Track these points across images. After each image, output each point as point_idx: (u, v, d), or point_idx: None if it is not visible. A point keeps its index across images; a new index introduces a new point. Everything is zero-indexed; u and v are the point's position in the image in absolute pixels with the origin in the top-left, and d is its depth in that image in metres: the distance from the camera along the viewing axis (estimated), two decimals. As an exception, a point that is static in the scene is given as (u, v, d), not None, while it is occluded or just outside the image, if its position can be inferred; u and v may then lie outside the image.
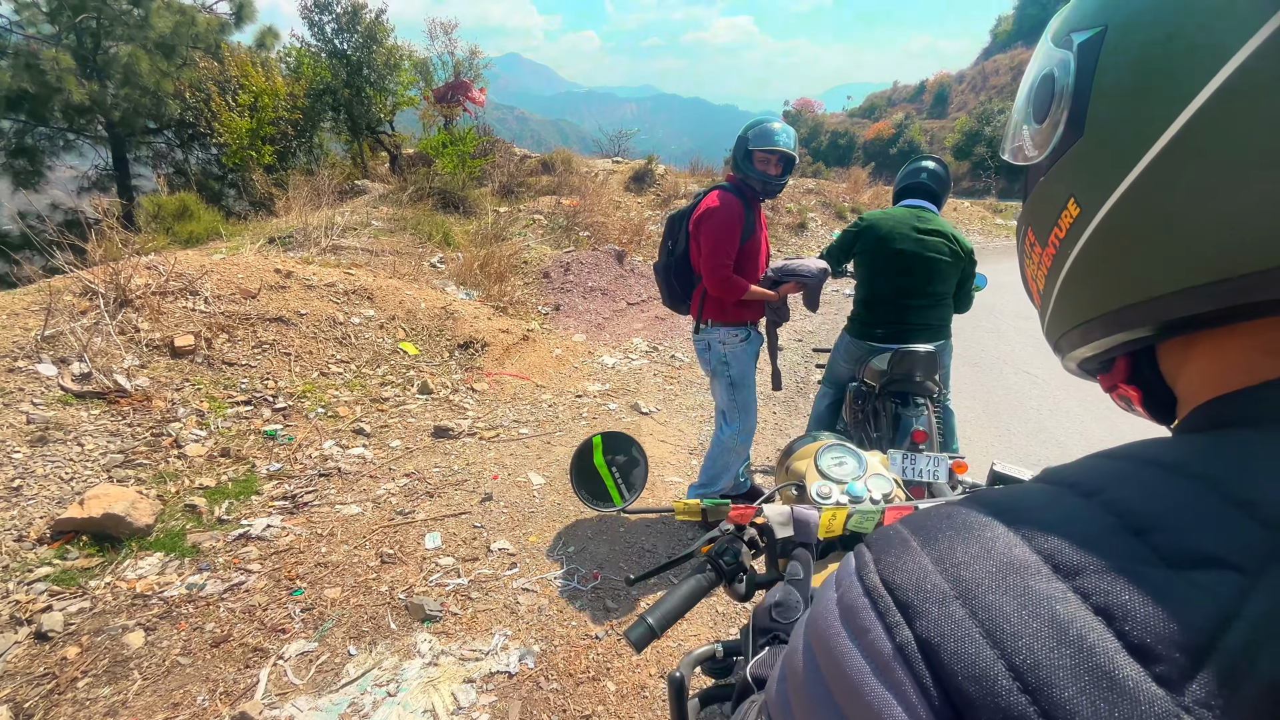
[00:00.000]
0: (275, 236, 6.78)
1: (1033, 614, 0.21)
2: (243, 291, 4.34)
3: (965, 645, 0.22)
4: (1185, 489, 0.23)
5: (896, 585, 0.25)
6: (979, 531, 0.25)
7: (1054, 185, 0.34)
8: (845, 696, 0.24)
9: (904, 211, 2.47)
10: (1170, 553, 0.21)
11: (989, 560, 0.23)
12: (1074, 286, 0.34)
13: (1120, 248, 0.30)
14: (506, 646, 2.01)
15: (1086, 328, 0.35)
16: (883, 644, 0.24)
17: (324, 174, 9.80)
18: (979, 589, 0.23)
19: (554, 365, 4.94)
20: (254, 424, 3.42)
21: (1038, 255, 0.38)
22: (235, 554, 2.43)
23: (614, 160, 13.83)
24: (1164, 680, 0.19)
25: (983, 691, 0.21)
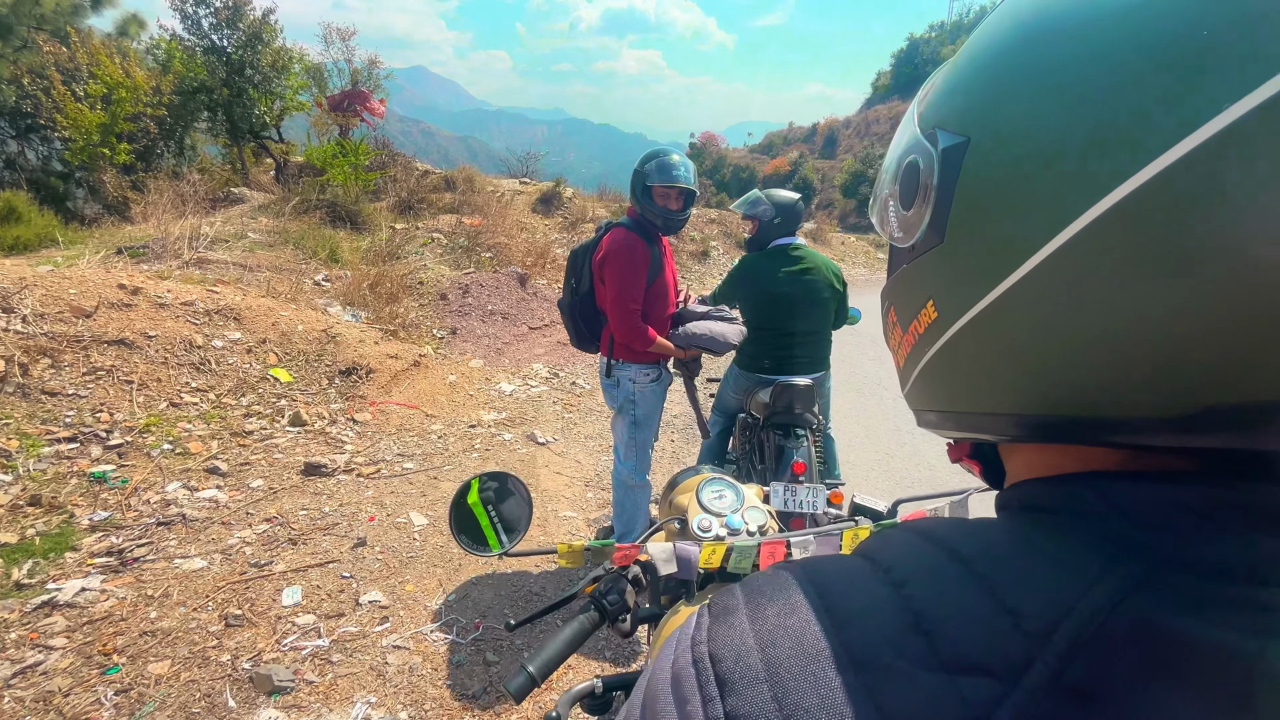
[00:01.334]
0: (127, 246, 6.02)
1: (823, 705, 0.23)
2: (74, 309, 3.78)
3: None
4: (972, 592, 0.25)
5: (719, 659, 0.27)
6: (798, 613, 0.27)
7: (914, 280, 0.34)
8: None
9: (779, 255, 2.56)
10: (948, 657, 0.23)
11: (799, 646, 0.26)
12: (931, 380, 0.36)
13: (971, 361, 0.31)
14: (369, 717, 1.81)
15: (939, 416, 0.37)
16: (695, 712, 0.26)
17: (193, 178, 8.91)
18: (786, 674, 0.25)
19: (447, 393, 4.69)
20: (78, 465, 2.94)
21: (898, 335, 0.39)
22: (34, 627, 2.03)
23: (521, 181, 13.68)
24: None
25: None
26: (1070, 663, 0.22)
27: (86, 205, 9.08)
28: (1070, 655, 0.22)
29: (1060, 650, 0.22)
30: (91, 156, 8.60)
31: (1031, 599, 0.24)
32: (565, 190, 11.80)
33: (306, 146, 10.64)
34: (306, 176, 9.86)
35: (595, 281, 2.30)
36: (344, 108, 11.73)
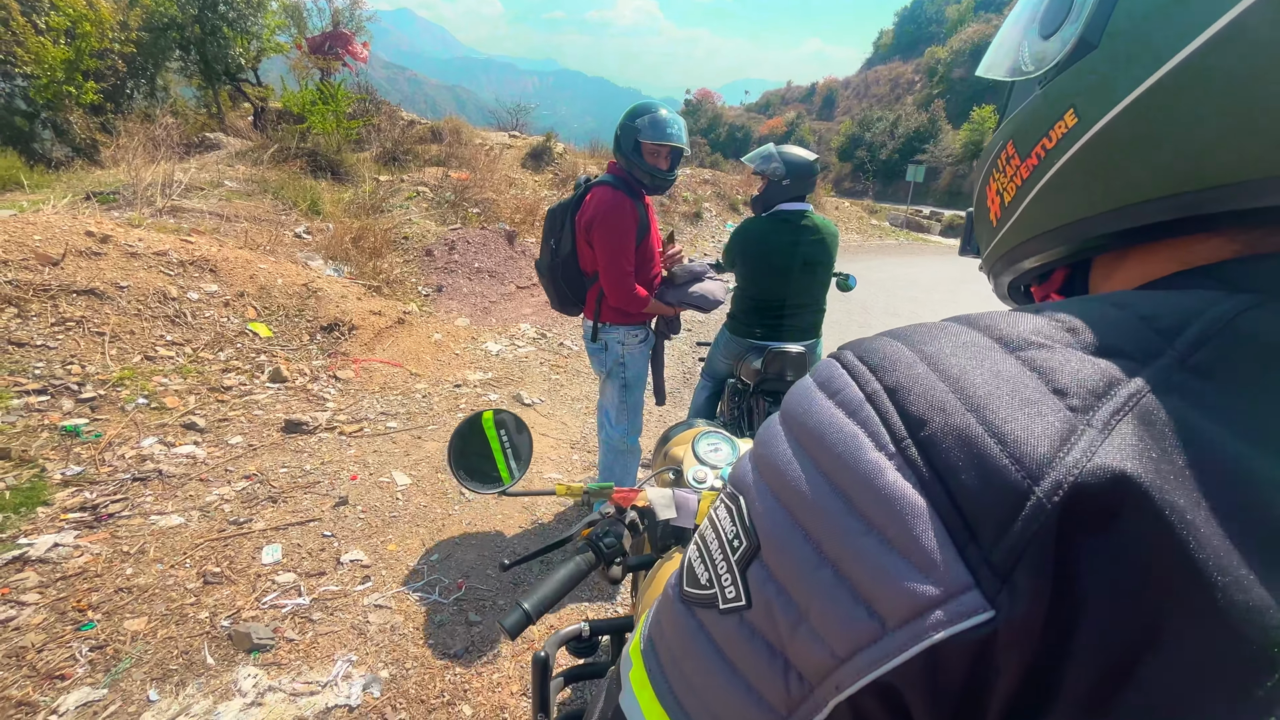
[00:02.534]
0: (96, 192, 5.77)
1: (980, 366, 0.25)
2: (40, 257, 3.62)
3: (925, 386, 0.25)
4: (1110, 308, 0.28)
5: (869, 358, 0.28)
6: (942, 328, 0.28)
7: (1052, 97, 0.36)
8: (816, 444, 0.26)
9: (784, 225, 2.43)
10: (1089, 344, 0.26)
11: (950, 341, 0.27)
12: (1051, 194, 0.37)
13: (1110, 156, 0.33)
14: (350, 675, 1.80)
15: (1051, 235, 0.37)
16: (854, 394, 0.26)
17: (166, 121, 8.52)
18: (940, 356, 0.26)
19: (432, 351, 4.61)
20: (49, 418, 2.86)
21: (1013, 168, 0.40)
22: (5, 582, 1.99)
23: (511, 134, 13.25)
24: (1072, 408, 0.23)
25: (936, 412, 0.24)
26: (1195, 351, 0.24)
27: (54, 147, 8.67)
28: (1196, 346, 0.25)
29: (1188, 341, 0.25)
30: (56, 95, 8.17)
31: (1163, 310, 0.27)
32: (556, 145, 11.45)
33: (284, 91, 10.15)
34: (286, 123, 9.45)
35: (579, 242, 2.18)
36: (325, 50, 11.19)
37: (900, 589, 0.22)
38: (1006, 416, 0.23)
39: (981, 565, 0.21)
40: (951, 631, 0.21)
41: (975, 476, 0.22)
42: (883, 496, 0.23)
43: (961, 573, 0.21)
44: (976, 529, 0.22)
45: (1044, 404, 0.23)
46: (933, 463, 0.23)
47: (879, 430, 0.25)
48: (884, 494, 0.23)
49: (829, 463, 0.25)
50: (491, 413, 1.01)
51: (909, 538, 0.22)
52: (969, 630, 0.21)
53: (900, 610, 0.22)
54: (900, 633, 0.22)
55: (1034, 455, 0.22)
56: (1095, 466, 0.21)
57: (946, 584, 0.22)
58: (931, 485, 0.23)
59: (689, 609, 0.30)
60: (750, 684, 0.27)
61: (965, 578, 0.21)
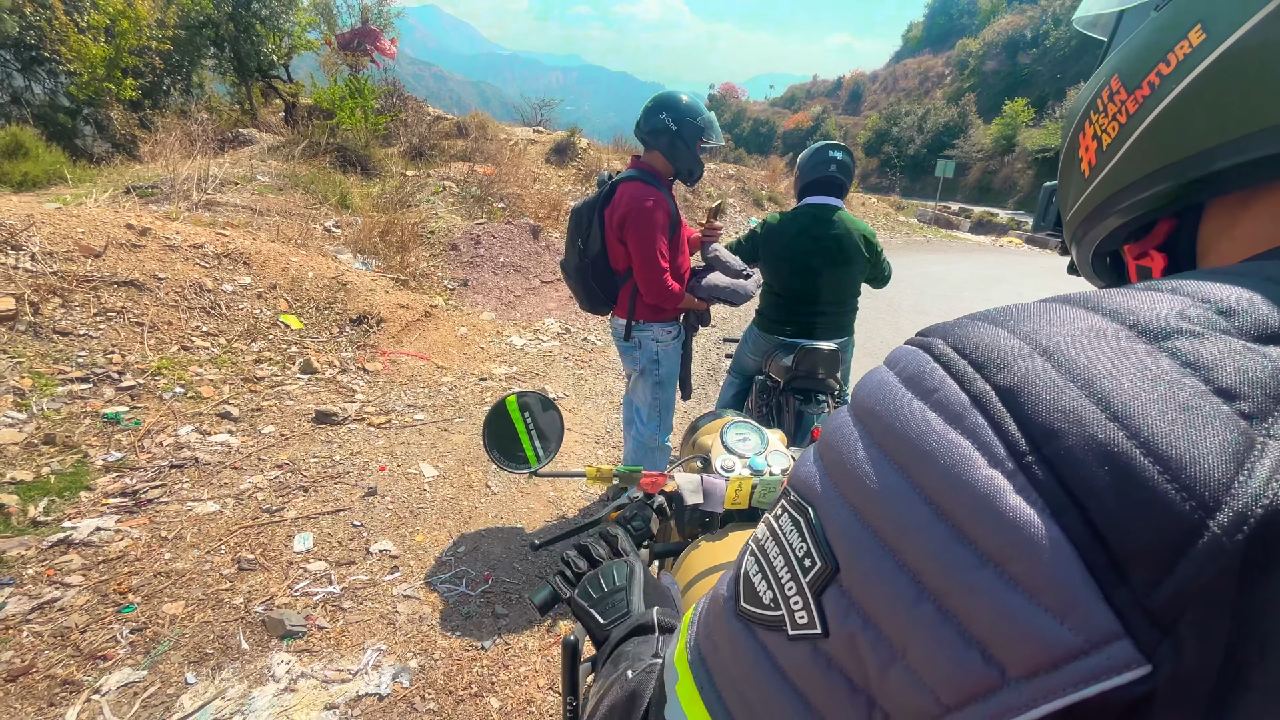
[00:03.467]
0: (135, 186, 5.92)
1: (1119, 362, 0.21)
2: (83, 249, 3.73)
3: (1047, 387, 0.21)
4: (1271, 287, 0.23)
5: (968, 350, 0.23)
6: (1052, 311, 0.24)
7: (1176, 16, 0.32)
8: (910, 454, 0.22)
9: (807, 217, 2.38)
10: (1250, 329, 0.21)
11: (1068, 327, 0.23)
12: (1166, 125, 0.32)
13: (1245, 74, 0.28)
14: (379, 664, 1.82)
15: (1162, 173, 0.33)
16: (955, 397, 0.22)
17: (201, 117, 8.72)
18: (1062, 348, 0.22)
19: (458, 345, 4.65)
20: (91, 405, 2.95)
21: (1117, 104, 0.36)
22: (50, 564, 2.05)
23: (535, 129, 13.29)
24: (1245, 415, 0.19)
25: (1069, 422, 0.20)
26: None
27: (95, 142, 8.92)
28: None
29: None
30: (97, 92, 8.40)
31: None
32: (580, 140, 11.45)
33: (314, 87, 10.30)
34: (316, 119, 9.60)
35: (610, 240, 2.15)
36: (353, 47, 11.32)
37: (1028, 633, 0.19)
38: (1163, 428, 0.19)
39: (1135, 611, 0.18)
40: (1096, 689, 0.18)
41: (1126, 504, 0.18)
42: (1004, 522, 0.19)
43: (1108, 619, 0.18)
44: (1128, 568, 0.18)
45: (1209, 410, 0.19)
46: (1067, 484, 0.19)
47: (992, 441, 0.21)
48: (1005, 519, 0.19)
49: (929, 478, 0.21)
50: (515, 396, 1.01)
51: (1038, 573, 0.19)
52: (1118, 689, 0.18)
53: (1027, 659, 0.19)
54: (1027, 685, 0.19)
55: (1206, 479, 0.18)
56: None
57: (1088, 632, 0.18)
58: (1066, 512, 0.19)
59: (749, 629, 0.27)
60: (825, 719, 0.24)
61: (1113, 625, 0.18)
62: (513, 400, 1.02)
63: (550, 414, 1.03)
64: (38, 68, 9.35)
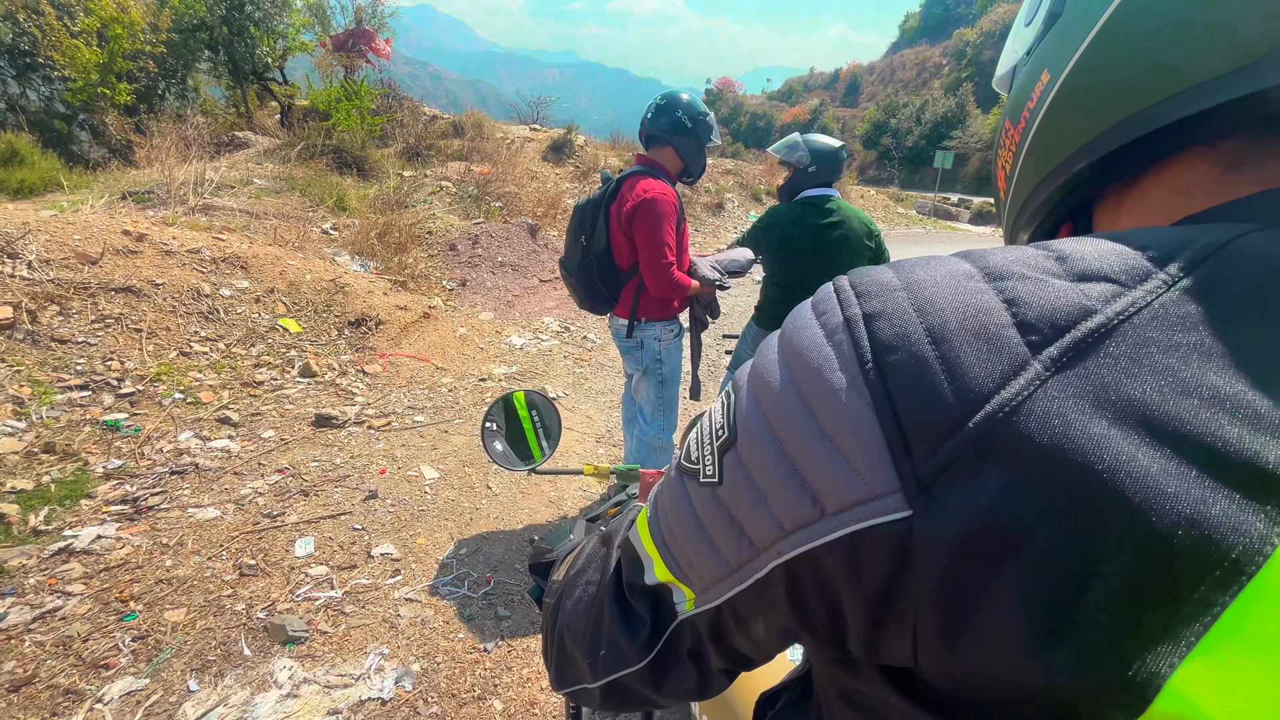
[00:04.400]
0: (131, 191, 5.91)
1: (953, 298, 0.26)
2: (80, 256, 3.72)
3: (897, 315, 0.26)
4: (1106, 241, 0.27)
5: (857, 283, 0.29)
6: (939, 259, 0.30)
7: (1031, 67, 0.40)
8: (796, 360, 0.29)
9: (806, 208, 2.39)
10: (1077, 270, 0.26)
11: (937, 270, 0.28)
12: (1037, 143, 0.40)
13: (1075, 95, 0.36)
14: (382, 668, 1.82)
15: (1043, 185, 0.40)
16: (835, 317, 0.28)
17: (197, 121, 8.69)
18: (921, 285, 0.27)
19: (457, 346, 4.64)
20: (91, 413, 2.94)
21: (1009, 139, 0.43)
22: (52, 573, 2.05)
23: (532, 127, 13.25)
24: (1030, 344, 0.24)
25: (902, 340, 0.26)
26: (1187, 274, 0.24)
27: (91, 148, 8.90)
28: (1188, 270, 0.24)
29: (1181, 264, 0.24)
30: (92, 97, 8.37)
31: (1158, 239, 0.26)
32: (577, 138, 11.42)
33: (310, 89, 10.27)
34: (312, 121, 9.58)
35: (615, 235, 2.12)
36: (348, 48, 11.27)
37: (840, 485, 0.26)
38: (962, 349, 0.24)
39: (909, 475, 0.24)
40: (872, 522, 0.25)
41: (921, 402, 0.24)
42: (840, 410, 0.26)
43: (891, 479, 0.24)
44: (912, 446, 0.24)
45: (1003, 337, 0.24)
46: (888, 386, 0.25)
47: (848, 353, 0.27)
48: (841, 409, 0.26)
49: (803, 377, 0.28)
50: (523, 393, 1.04)
51: (854, 447, 0.25)
52: (886, 524, 0.24)
53: (837, 501, 0.26)
54: (834, 518, 0.26)
55: (976, 389, 0.23)
56: (1026, 405, 0.22)
57: (875, 486, 0.25)
58: (882, 406, 0.25)
59: (681, 476, 0.36)
60: (713, 542, 0.33)
61: (893, 483, 0.24)
62: (520, 396, 1.04)
63: (553, 414, 1.05)
64: (32, 74, 9.32)
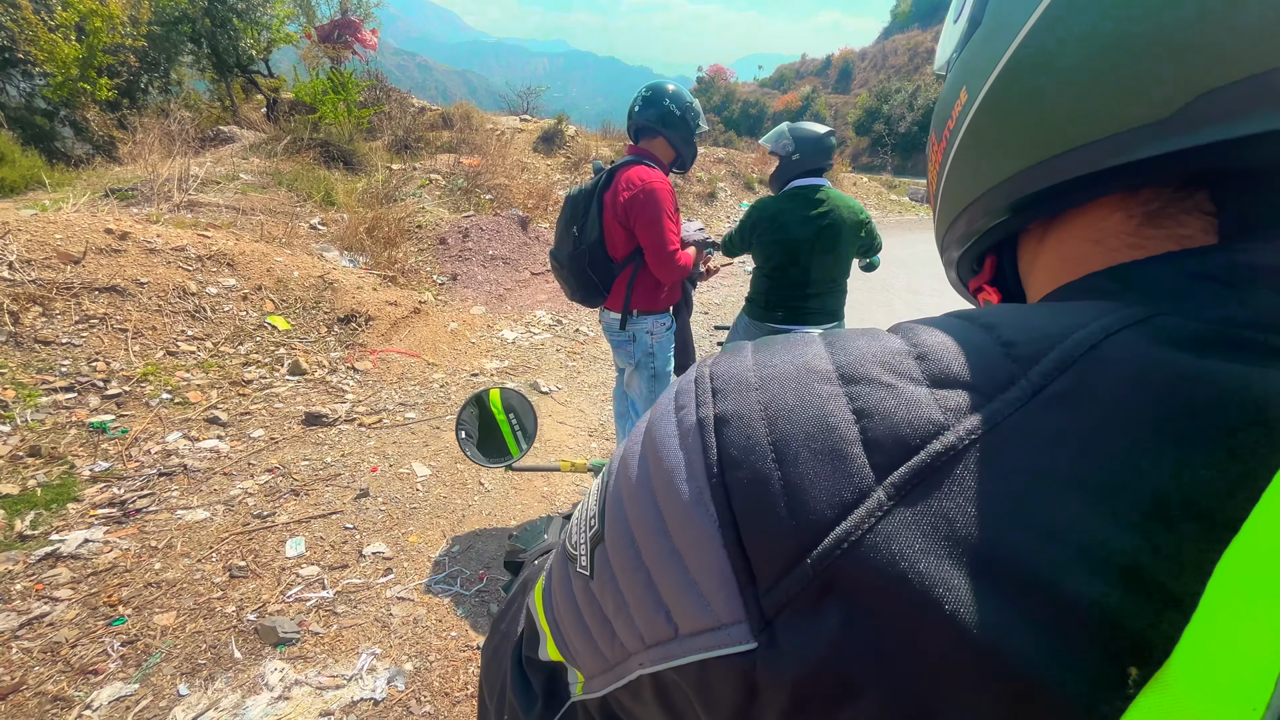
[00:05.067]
0: (114, 189, 5.83)
1: (803, 406, 0.24)
2: (62, 256, 3.67)
3: (746, 423, 0.25)
4: (975, 333, 0.26)
5: (718, 376, 0.28)
6: (802, 347, 0.28)
7: (952, 78, 0.37)
8: (653, 460, 0.28)
9: (795, 198, 2.36)
10: (934, 374, 0.24)
11: (794, 365, 0.26)
12: (956, 173, 0.37)
13: (989, 127, 0.33)
14: (374, 668, 1.81)
15: (962, 217, 0.37)
16: (690, 416, 0.27)
17: (181, 115, 8.57)
18: (775, 384, 0.26)
19: (448, 341, 4.61)
20: (76, 415, 2.91)
21: (936, 154, 0.40)
22: (39, 578, 2.03)
23: (522, 118, 13.14)
24: (876, 466, 0.22)
25: (746, 457, 0.24)
26: (1052, 380, 0.22)
27: (73, 145, 8.76)
28: (1053, 374, 0.22)
29: (1045, 370, 0.23)
30: (72, 93, 8.23)
31: (1027, 334, 0.24)
32: (568, 128, 11.32)
33: (296, 81, 10.13)
34: (299, 114, 9.45)
35: (609, 225, 2.10)
36: (334, 39, 11.12)
37: (690, 608, 0.25)
38: (804, 473, 0.23)
39: (753, 605, 0.23)
40: (717, 653, 0.24)
41: (764, 529, 0.23)
42: (687, 527, 0.25)
43: (736, 608, 0.24)
44: (756, 575, 0.23)
45: (848, 459, 0.23)
46: (733, 506, 0.24)
47: (697, 462, 0.26)
48: (688, 526, 0.25)
49: (657, 482, 0.27)
50: (498, 390, 1.05)
51: (701, 569, 0.25)
52: (731, 655, 0.24)
53: (687, 624, 0.25)
54: (685, 640, 0.25)
55: (814, 519, 0.22)
56: (868, 539, 0.21)
57: (721, 615, 0.24)
58: (727, 529, 0.24)
59: (564, 558, 0.35)
60: (591, 634, 0.32)
61: (739, 613, 0.24)
62: (495, 393, 1.04)
63: (529, 411, 1.05)
64: (11, 69, 9.15)
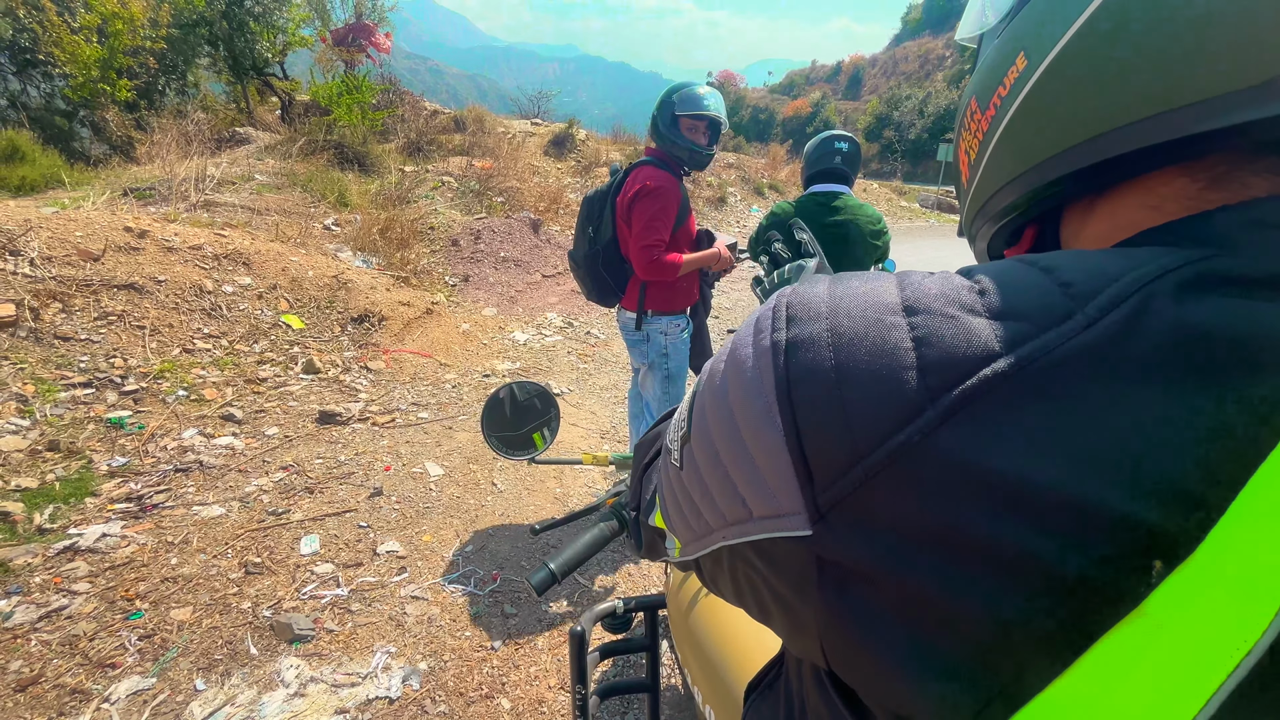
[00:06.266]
0: (133, 188, 5.89)
1: (867, 334, 0.26)
2: (82, 253, 3.71)
3: (814, 347, 0.27)
4: (1035, 273, 0.27)
5: (793, 305, 0.30)
6: (874, 282, 0.30)
7: (1005, 44, 0.36)
8: (733, 376, 0.31)
9: (811, 204, 2.35)
10: (993, 307, 0.25)
11: (864, 298, 0.28)
12: (1008, 141, 0.36)
13: (1058, 93, 0.32)
14: (389, 666, 1.81)
15: (1012, 186, 0.37)
16: (765, 339, 0.30)
17: (197, 117, 8.66)
18: (843, 314, 0.28)
19: (460, 342, 4.62)
20: (95, 410, 2.94)
21: (976, 122, 0.40)
22: (58, 571, 2.05)
23: (533, 122, 13.19)
24: (929, 388, 0.24)
25: (813, 375, 0.27)
26: (1106, 314, 0.23)
27: (93, 145, 8.88)
28: (1108, 308, 0.23)
29: (1101, 304, 0.23)
30: (92, 93, 8.35)
31: (1085, 275, 0.25)
32: (578, 132, 11.36)
33: (312, 83, 10.23)
34: (313, 116, 9.54)
35: (620, 226, 2.13)
36: (348, 42, 11.22)
37: (760, 496, 0.29)
38: (864, 391, 0.25)
39: (810, 501, 0.27)
40: (783, 534, 0.28)
41: (822, 440, 0.26)
42: (759, 433, 0.28)
43: (796, 500, 0.27)
44: (815, 477, 0.26)
45: (903, 381, 0.25)
46: (797, 419, 0.27)
47: (768, 380, 0.28)
48: (760, 432, 0.28)
49: (735, 395, 0.30)
50: (522, 383, 1.08)
51: (769, 468, 0.28)
52: (793, 538, 0.27)
53: (760, 509, 0.29)
54: (758, 521, 0.30)
55: (868, 434, 0.25)
56: (915, 452, 0.23)
57: (784, 504, 0.28)
58: (791, 437, 0.27)
59: (665, 452, 0.40)
60: (683, 512, 0.37)
61: (798, 504, 0.27)
62: (513, 387, 1.07)
63: (551, 405, 1.07)
64: (33, 70, 9.29)
